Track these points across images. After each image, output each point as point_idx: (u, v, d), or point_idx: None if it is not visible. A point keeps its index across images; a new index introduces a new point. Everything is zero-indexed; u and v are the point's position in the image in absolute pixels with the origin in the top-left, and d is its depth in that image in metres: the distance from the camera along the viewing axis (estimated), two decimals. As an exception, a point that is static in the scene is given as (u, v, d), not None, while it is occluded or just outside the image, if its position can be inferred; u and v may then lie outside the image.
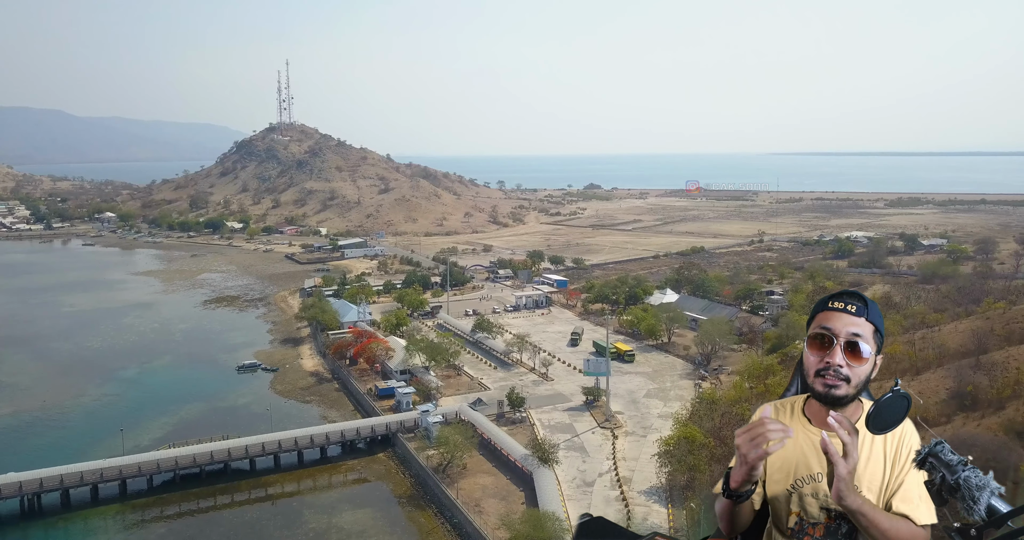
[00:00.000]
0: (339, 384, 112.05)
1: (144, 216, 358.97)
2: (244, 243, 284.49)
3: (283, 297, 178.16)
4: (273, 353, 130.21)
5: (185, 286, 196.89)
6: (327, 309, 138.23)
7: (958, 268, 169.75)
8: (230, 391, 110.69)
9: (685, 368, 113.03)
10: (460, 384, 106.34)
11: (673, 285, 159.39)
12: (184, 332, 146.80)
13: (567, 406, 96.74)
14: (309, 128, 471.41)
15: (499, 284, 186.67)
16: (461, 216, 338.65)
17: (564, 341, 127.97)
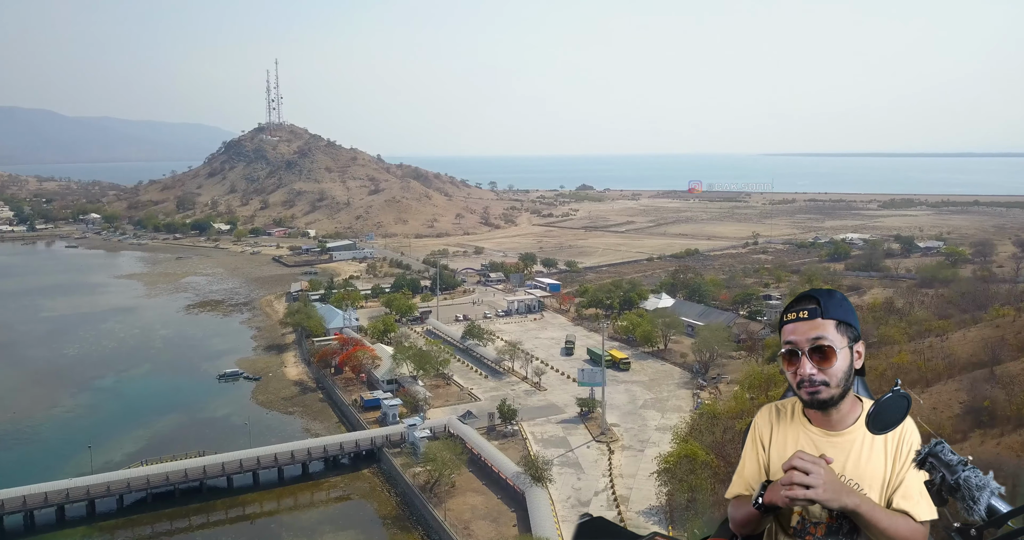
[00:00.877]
0: (323, 394, 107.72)
1: (130, 217, 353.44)
2: (231, 245, 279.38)
3: (269, 301, 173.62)
4: (256, 361, 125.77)
5: (168, 290, 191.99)
6: (312, 315, 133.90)
7: (957, 271, 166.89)
8: (210, 402, 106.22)
9: (683, 376, 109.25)
10: (449, 394, 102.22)
11: (668, 289, 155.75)
12: (165, 338, 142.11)
13: (561, 418, 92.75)
14: (299, 128, 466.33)
15: (490, 288, 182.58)
16: (452, 217, 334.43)
17: (557, 348, 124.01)
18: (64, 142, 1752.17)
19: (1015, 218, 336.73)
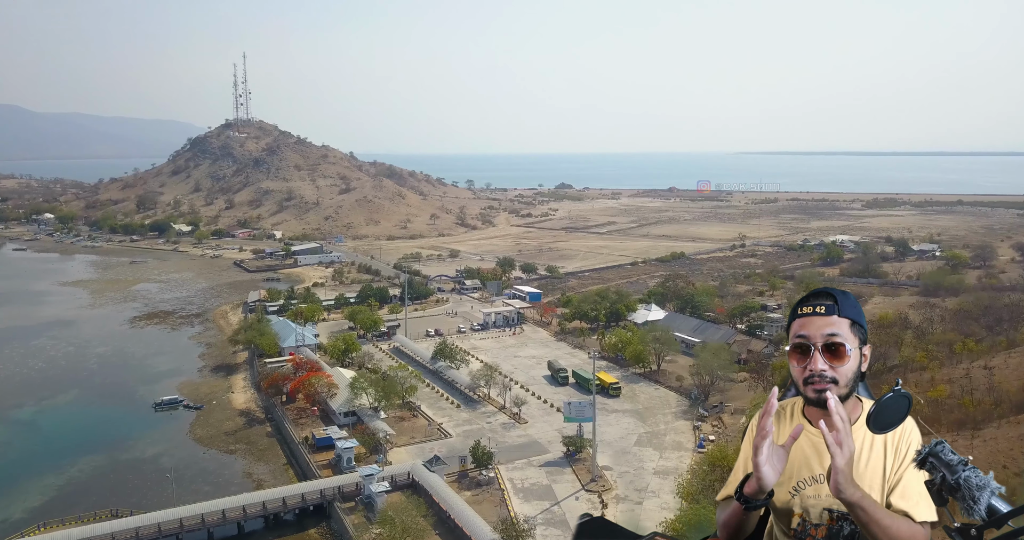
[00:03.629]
0: (272, 427, 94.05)
1: (87, 217, 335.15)
2: (191, 248, 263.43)
3: (223, 312, 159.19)
4: (200, 385, 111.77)
5: (116, 299, 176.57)
6: (265, 331, 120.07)
7: (962, 279, 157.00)
8: (140, 438, 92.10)
9: (679, 404, 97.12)
10: (415, 429, 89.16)
11: (658, 300, 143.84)
12: (101, 358, 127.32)
13: (544, 459, 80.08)
14: (268, 125, 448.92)
15: (466, 297, 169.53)
16: (427, 218, 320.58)
17: (539, 369, 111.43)
18: (32, 139, 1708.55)
19: (1001, 218, 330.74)
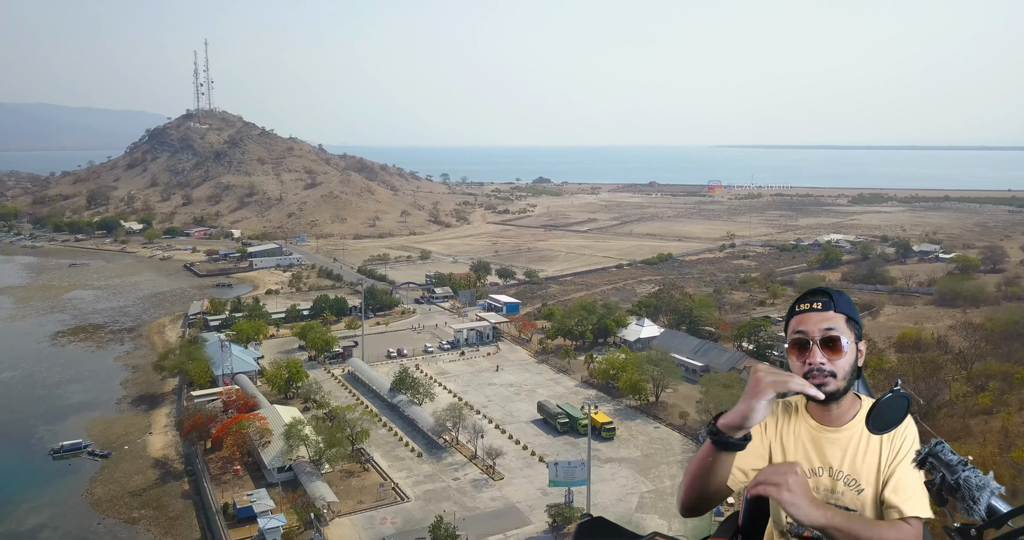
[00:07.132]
0: (191, 484, 76.58)
1: (32, 214, 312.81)
2: (140, 248, 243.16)
3: (160, 326, 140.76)
4: (115, 423, 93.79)
5: (42, 309, 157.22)
6: (197, 356, 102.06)
7: (981, 286, 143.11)
8: (23, 500, 74.08)
9: (685, 449, 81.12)
10: (365, 489, 72.19)
11: (650, 312, 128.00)
12: (5, 385, 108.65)
13: (524, 535, 63.67)
14: (232, 116, 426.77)
15: (436, 306, 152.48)
16: (397, 215, 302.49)
17: (517, 401, 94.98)
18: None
19: (992, 215, 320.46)
